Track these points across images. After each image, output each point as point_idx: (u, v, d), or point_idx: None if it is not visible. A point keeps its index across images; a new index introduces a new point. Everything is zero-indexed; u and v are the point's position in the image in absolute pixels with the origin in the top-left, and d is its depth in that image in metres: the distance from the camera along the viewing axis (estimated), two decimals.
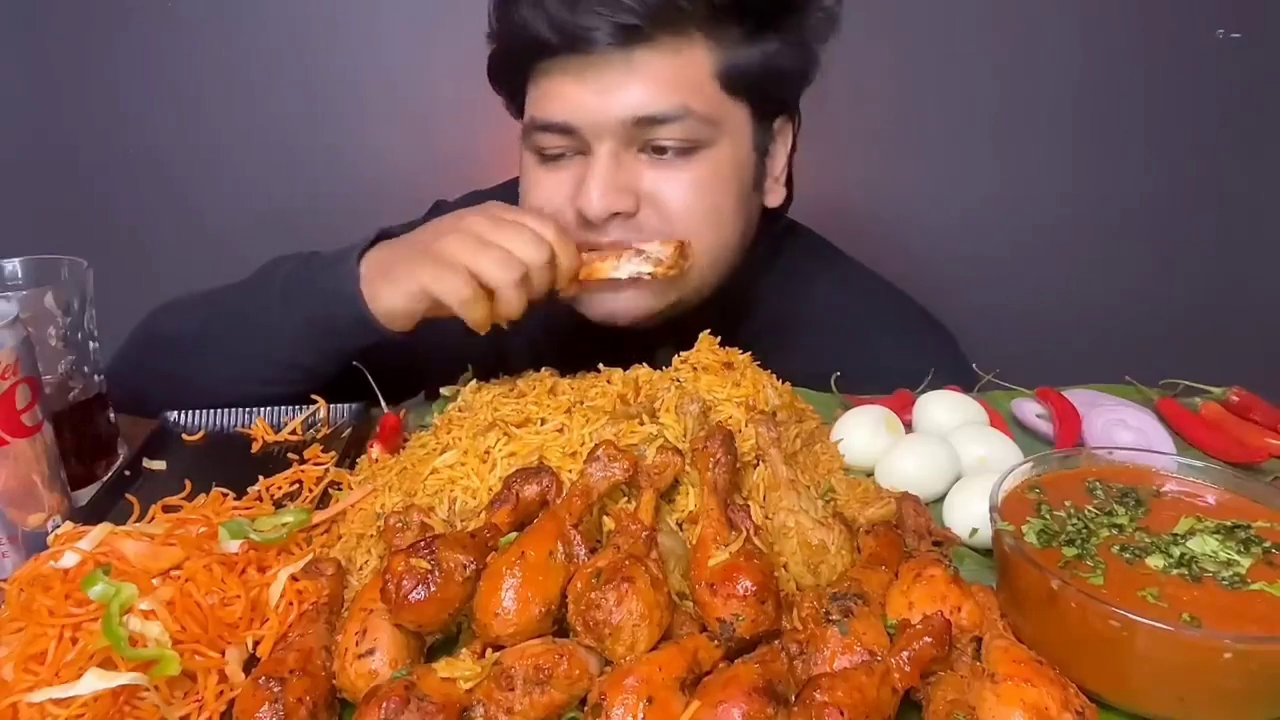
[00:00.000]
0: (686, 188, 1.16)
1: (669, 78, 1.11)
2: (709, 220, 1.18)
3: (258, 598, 0.80)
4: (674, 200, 1.16)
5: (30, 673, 0.71)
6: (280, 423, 1.17)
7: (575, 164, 1.17)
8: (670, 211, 1.16)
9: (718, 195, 1.18)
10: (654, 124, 1.12)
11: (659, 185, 1.15)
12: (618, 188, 1.14)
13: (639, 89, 1.11)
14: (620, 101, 1.11)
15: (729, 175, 1.19)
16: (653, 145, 1.14)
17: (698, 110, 1.12)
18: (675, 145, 1.14)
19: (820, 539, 0.82)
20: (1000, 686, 0.66)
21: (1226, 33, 2.33)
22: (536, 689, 0.66)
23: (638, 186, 1.15)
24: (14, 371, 0.89)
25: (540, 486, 0.83)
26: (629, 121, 1.11)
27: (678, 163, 1.15)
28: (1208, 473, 0.87)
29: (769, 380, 1.02)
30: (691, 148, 1.14)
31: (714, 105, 1.14)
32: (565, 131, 1.14)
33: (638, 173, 1.15)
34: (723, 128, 1.16)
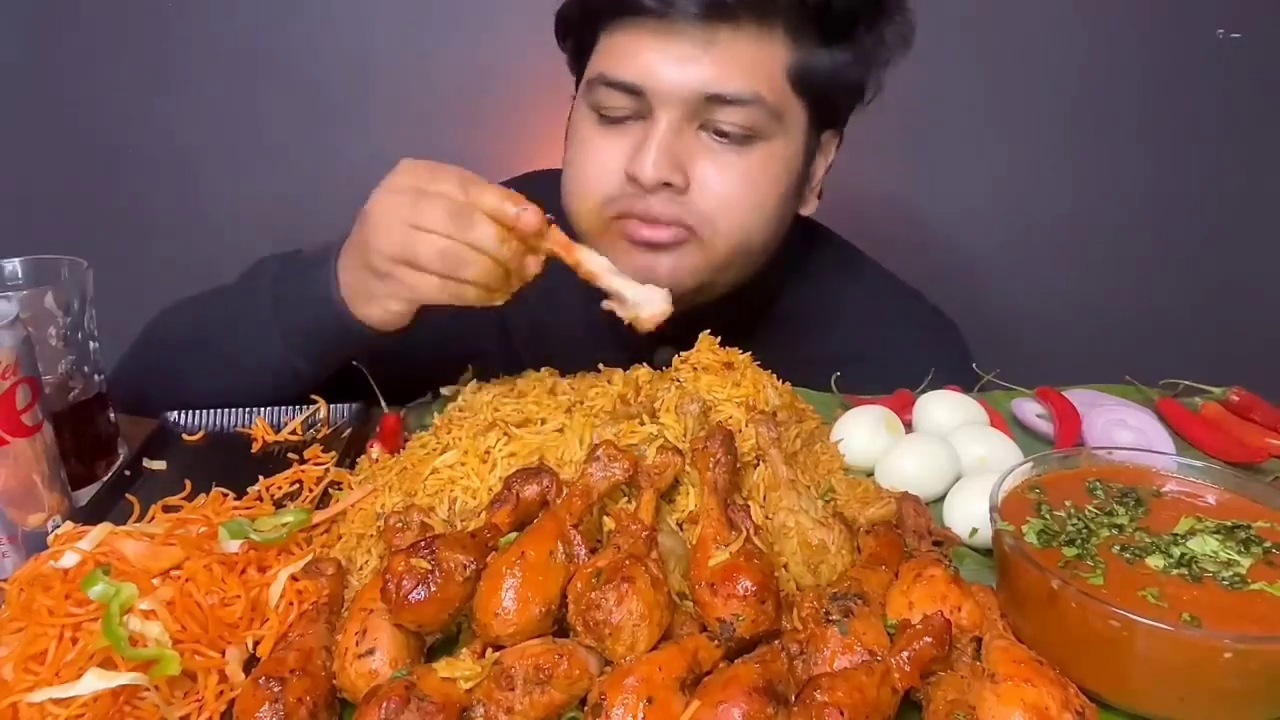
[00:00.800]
0: (738, 176, 1.16)
1: (745, 62, 1.11)
2: (752, 213, 1.18)
3: (258, 598, 0.80)
4: (724, 186, 1.16)
5: (30, 673, 0.71)
6: (280, 423, 1.17)
7: (634, 129, 1.16)
8: (718, 196, 1.16)
9: (765, 190, 1.18)
10: (722, 104, 1.12)
11: (713, 168, 1.15)
12: (673, 159, 1.14)
13: (714, 66, 1.11)
14: (695, 74, 1.11)
15: (779, 172, 1.19)
16: (715, 126, 1.14)
17: (767, 100, 1.13)
18: (736, 131, 1.14)
19: (820, 539, 0.82)
20: (1000, 686, 0.66)
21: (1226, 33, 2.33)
22: (536, 689, 0.66)
23: (691, 165, 1.15)
24: (14, 371, 0.89)
25: (540, 486, 0.82)
26: (699, 96, 1.11)
27: (734, 149, 1.15)
28: (1208, 473, 0.87)
29: (769, 380, 1.02)
30: (751, 136, 1.14)
31: (781, 99, 1.15)
32: (632, 92, 1.14)
33: (694, 150, 1.15)
34: (784, 123, 1.16)
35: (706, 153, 1.15)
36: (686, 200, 1.16)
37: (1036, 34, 2.30)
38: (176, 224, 2.41)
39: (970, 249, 2.47)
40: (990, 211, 2.48)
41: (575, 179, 1.22)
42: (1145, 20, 2.31)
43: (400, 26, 2.28)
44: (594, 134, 1.19)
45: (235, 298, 1.20)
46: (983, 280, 2.45)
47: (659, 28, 1.11)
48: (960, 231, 2.45)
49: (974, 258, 2.47)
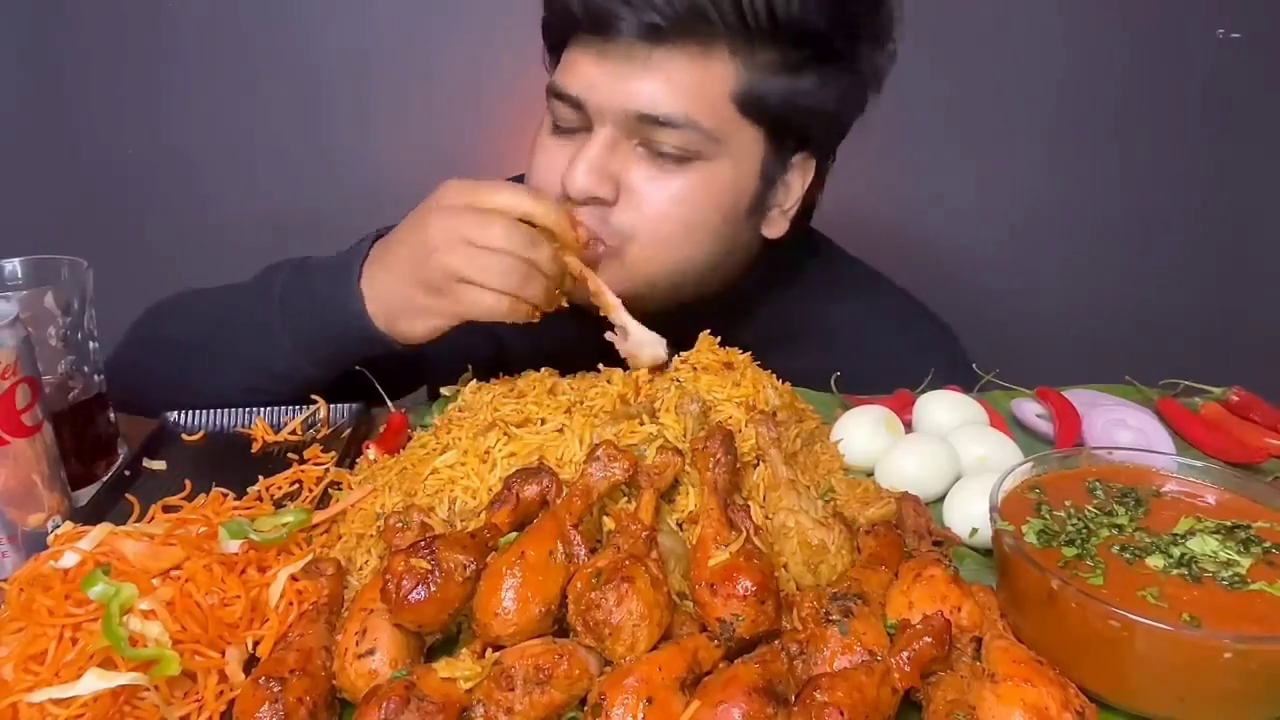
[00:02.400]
0: (670, 194, 1.14)
1: (682, 84, 1.10)
2: (681, 233, 1.16)
3: (258, 598, 0.80)
4: (654, 203, 1.14)
5: (30, 673, 0.71)
6: (280, 423, 1.17)
7: (580, 140, 1.17)
8: (646, 213, 1.14)
9: (700, 210, 1.16)
10: (655, 124, 1.11)
11: (644, 184, 1.14)
12: (603, 173, 1.13)
13: (650, 86, 1.10)
14: (628, 92, 1.10)
15: (719, 194, 1.16)
16: (651, 145, 1.13)
17: (702, 124, 1.11)
18: (672, 151, 1.13)
19: (820, 539, 0.82)
20: (1000, 686, 0.66)
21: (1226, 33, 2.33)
22: (536, 689, 0.66)
23: (624, 179, 1.14)
24: (14, 371, 0.89)
25: (540, 486, 0.82)
26: (632, 114, 1.11)
27: (670, 167, 1.14)
28: (1208, 473, 0.87)
29: (769, 380, 1.02)
30: (688, 157, 1.13)
31: (722, 123, 1.13)
32: (575, 105, 1.15)
33: (628, 165, 1.15)
34: (726, 146, 1.14)
35: (641, 167, 1.14)
36: (612, 214, 1.15)
37: (1035, 33, 2.30)
38: (176, 224, 2.41)
39: (970, 249, 2.47)
40: (989, 212, 2.48)
41: (528, 182, 1.24)
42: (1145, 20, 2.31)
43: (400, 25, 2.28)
44: (547, 141, 1.21)
45: (243, 300, 1.20)
46: (983, 280, 2.45)
47: (603, 46, 1.11)
48: (959, 232, 2.45)
49: (974, 258, 2.47)
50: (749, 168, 1.18)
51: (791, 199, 1.25)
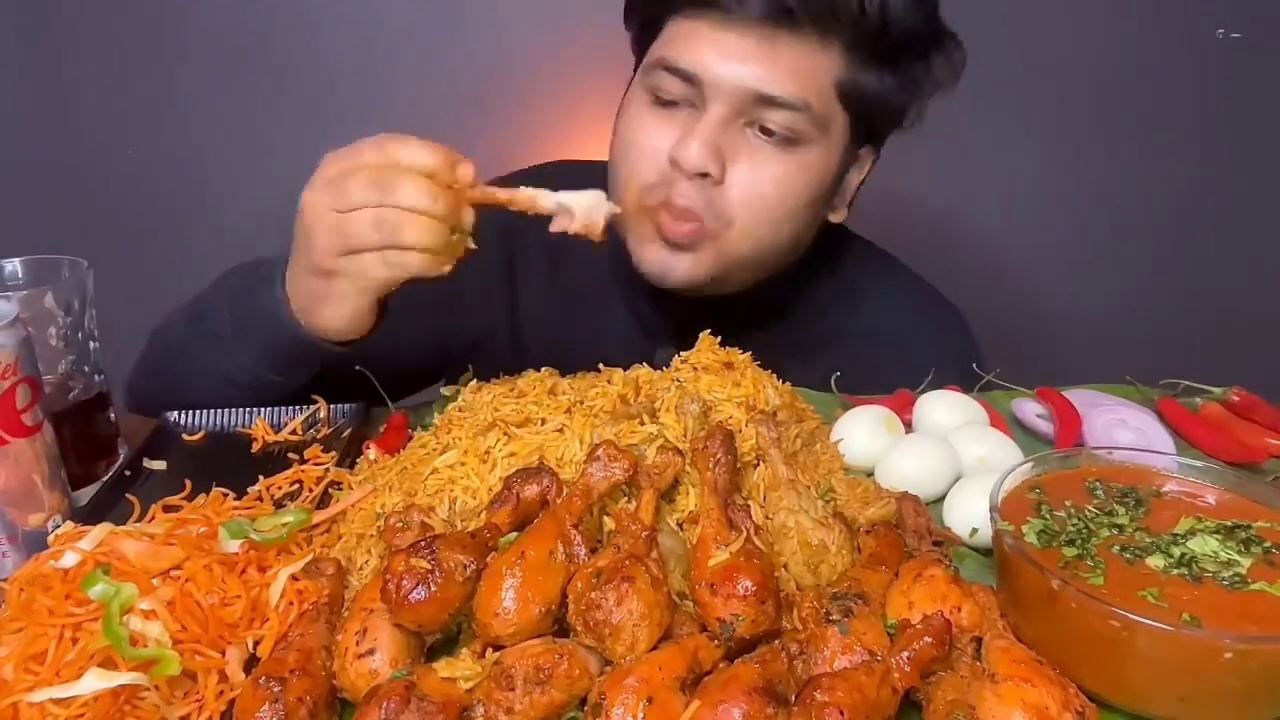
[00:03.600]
0: (773, 177, 1.18)
1: (801, 68, 1.14)
2: (779, 213, 1.21)
3: (258, 598, 0.80)
4: (758, 183, 1.18)
5: (30, 672, 0.71)
6: (280, 423, 1.17)
7: (684, 115, 1.18)
8: (748, 192, 1.18)
9: (798, 194, 1.20)
10: (772, 105, 1.14)
11: (749, 165, 1.18)
12: (715, 150, 1.16)
13: (770, 67, 1.13)
14: (749, 72, 1.13)
15: (813, 178, 1.21)
16: (761, 124, 1.16)
17: (814, 108, 1.15)
18: (780, 132, 1.16)
19: (820, 539, 0.82)
20: (1000, 686, 0.66)
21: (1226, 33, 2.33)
22: (537, 689, 0.66)
23: (732, 158, 1.17)
24: (14, 371, 0.89)
25: (540, 486, 0.82)
26: (751, 94, 1.14)
27: (776, 149, 1.17)
28: (1208, 473, 0.87)
29: (769, 380, 1.02)
30: (793, 140, 1.17)
31: (827, 110, 1.17)
32: (688, 80, 1.16)
33: (737, 145, 1.17)
34: (826, 133, 1.19)
35: (748, 149, 1.18)
36: (717, 193, 1.18)
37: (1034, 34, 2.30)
38: (177, 224, 2.41)
39: (969, 249, 2.48)
40: (988, 212, 2.48)
41: (622, 157, 1.24)
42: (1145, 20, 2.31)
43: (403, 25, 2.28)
44: (646, 114, 1.22)
45: (203, 311, 1.20)
46: (982, 280, 2.45)
47: (722, 22, 1.13)
48: (959, 232, 2.46)
49: (973, 258, 2.47)
50: (836, 155, 1.23)
51: (851, 188, 1.31)
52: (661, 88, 1.19)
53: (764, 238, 1.22)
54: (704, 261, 1.22)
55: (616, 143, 1.26)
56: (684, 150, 1.15)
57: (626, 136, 1.24)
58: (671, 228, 1.20)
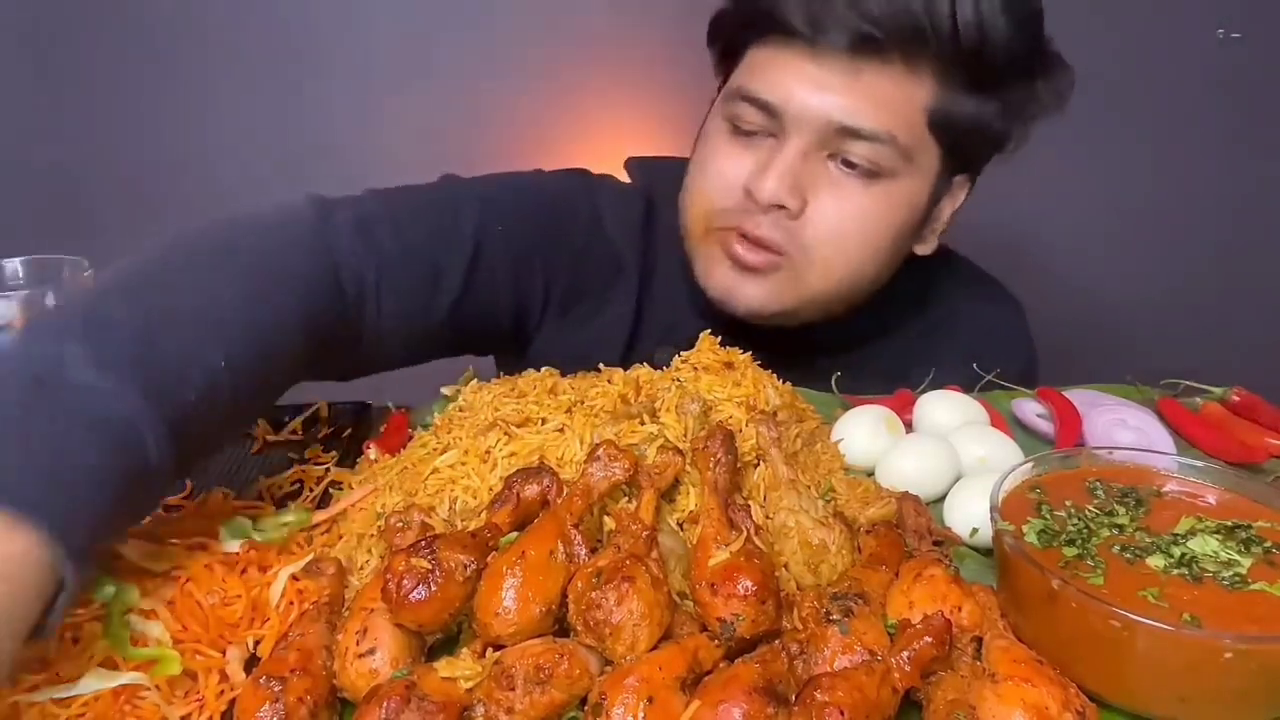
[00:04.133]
0: (855, 210, 1.15)
1: (885, 99, 1.10)
2: (861, 249, 1.17)
3: (258, 597, 0.80)
4: (839, 218, 1.15)
5: (31, 672, 0.71)
6: (281, 422, 1.17)
7: (763, 145, 1.16)
8: (829, 227, 1.15)
9: (880, 228, 1.17)
10: (855, 137, 1.11)
11: (831, 198, 1.14)
12: (795, 183, 1.13)
13: (853, 98, 1.09)
14: (832, 103, 1.10)
15: (899, 212, 1.17)
16: (843, 157, 1.13)
17: (900, 140, 1.11)
18: (863, 164, 1.12)
19: (821, 539, 0.82)
20: (1000, 686, 0.66)
21: (1226, 33, 2.33)
22: (537, 688, 0.66)
23: (812, 191, 1.14)
24: None
25: (541, 486, 0.82)
26: (833, 125, 1.10)
27: (858, 182, 1.14)
28: (1208, 473, 0.87)
29: (769, 380, 1.02)
30: (877, 172, 1.13)
31: (915, 140, 1.13)
32: (768, 111, 1.13)
33: (818, 177, 1.14)
34: (914, 164, 1.15)
35: (829, 181, 1.14)
36: (796, 226, 1.15)
37: None
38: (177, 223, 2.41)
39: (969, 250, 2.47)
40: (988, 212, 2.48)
41: (696, 182, 1.23)
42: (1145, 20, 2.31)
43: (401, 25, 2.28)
44: (724, 143, 1.20)
45: None
46: None
47: (806, 52, 1.10)
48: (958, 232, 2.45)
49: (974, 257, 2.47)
50: (926, 186, 1.18)
51: (942, 220, 1.26)
52: (741, 117, 1.16)
53: (843, 274, 1.18)
54: (777, 291, 1.18)
55: (693, 169, 1.24)
56: (760, 183, 1.13)
57: (704, 164, 1.21)
58: (745, 253, 1.17)
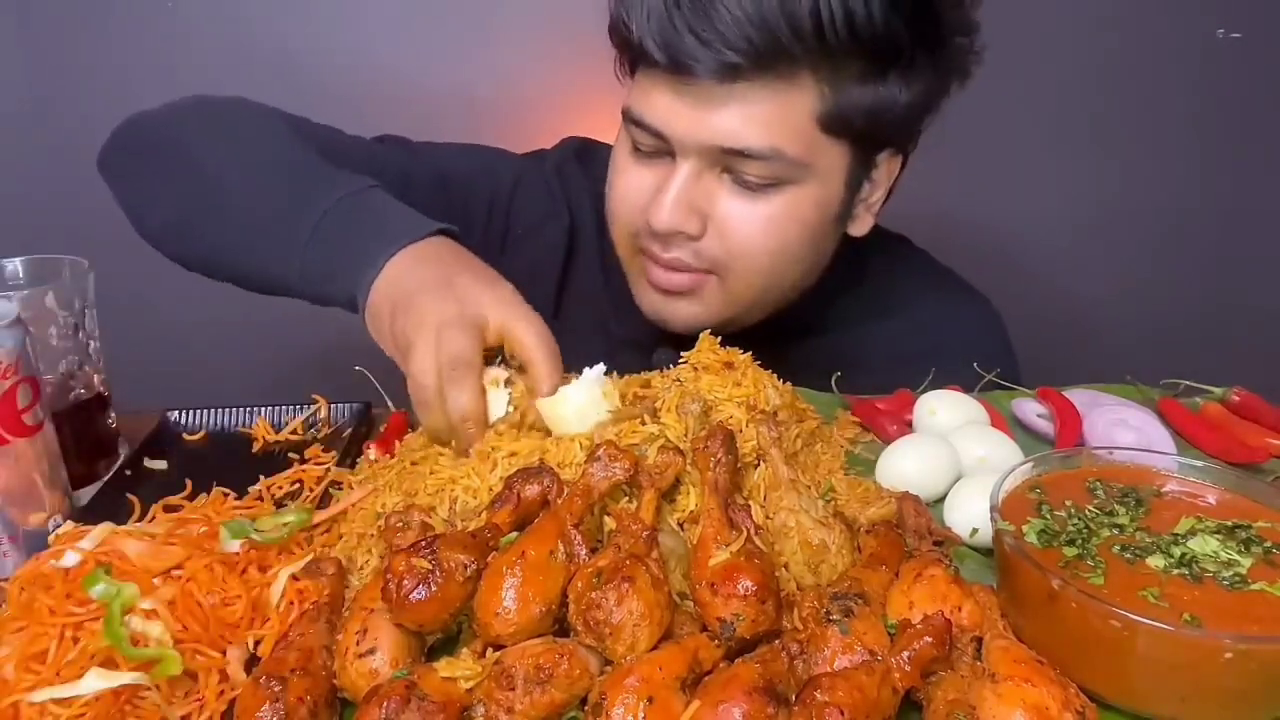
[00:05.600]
0: (759, 222, 1.13)
1: (765, 116, 1.07)
2: (773, 257, 1.16)
3: (259, 597, 0.80)
4: (742, 232, 1.14)
5: (31, 672, 0.71)
6: (281, 422, 1.17)
7: (661, 165, 1.15)
8: (735, 243, 1.14)
9: (790, 235, 1.15)
10: (741, 157, 1.09)
11: (731, 213, 1.13)
12: (689, 207, 1.12)
13: (733, 121, 1.08)
14: (711, 127, 1.08)
15: (807, 215, 1.15)
16: (737, 176, 1.12)
17: (789, 153, 1.09)
18: (759, 181, 1.11)
19: (821, 539, 0.82)
20: (1001, 686, 0.66)
21: (1226, 33, 2.33)
22: (537, 688, 0.66)
23: (710, 209, 1.14)
24: (14, 371, 0.89)
25: (541, 486, 0.82)
26: (715, 148, 1.10)
27: (757, 195, 1.12)
28: (1208, 473, 0.87)
29: (769, 380, 1.02)
30: (775, 184, 1.12)
31: (808, 148, 1.10)
32: (654, 135, 1.13)
33: (714, 195, 1.13)
34: (813, 169, 1.12)
35: (728, 197, 1.13)
36: (701, 247, 1.15)
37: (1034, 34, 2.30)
38: None
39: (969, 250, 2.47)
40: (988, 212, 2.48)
41: (610, 204, 1.23)
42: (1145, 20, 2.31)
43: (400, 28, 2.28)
44: (627, 163, 1.20)
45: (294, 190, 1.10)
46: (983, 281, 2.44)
47: (677, 81, 1.08)
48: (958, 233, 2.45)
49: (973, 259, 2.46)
50: (834, 184, 1.16)
51: (875, 195, 1.24)
52: (636, 139, 1.16)
53: (765, 281, 1.18)
54: (709, 307, 1.19)
55: (608, 190, 1.23)
56: (656, 211, 1.12)
57: (614, 181, 1.21)
58: (661, 277, 1.18)
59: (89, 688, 0.68)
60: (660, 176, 1.15)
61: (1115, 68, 2.36)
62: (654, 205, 1.13)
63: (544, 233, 1.40)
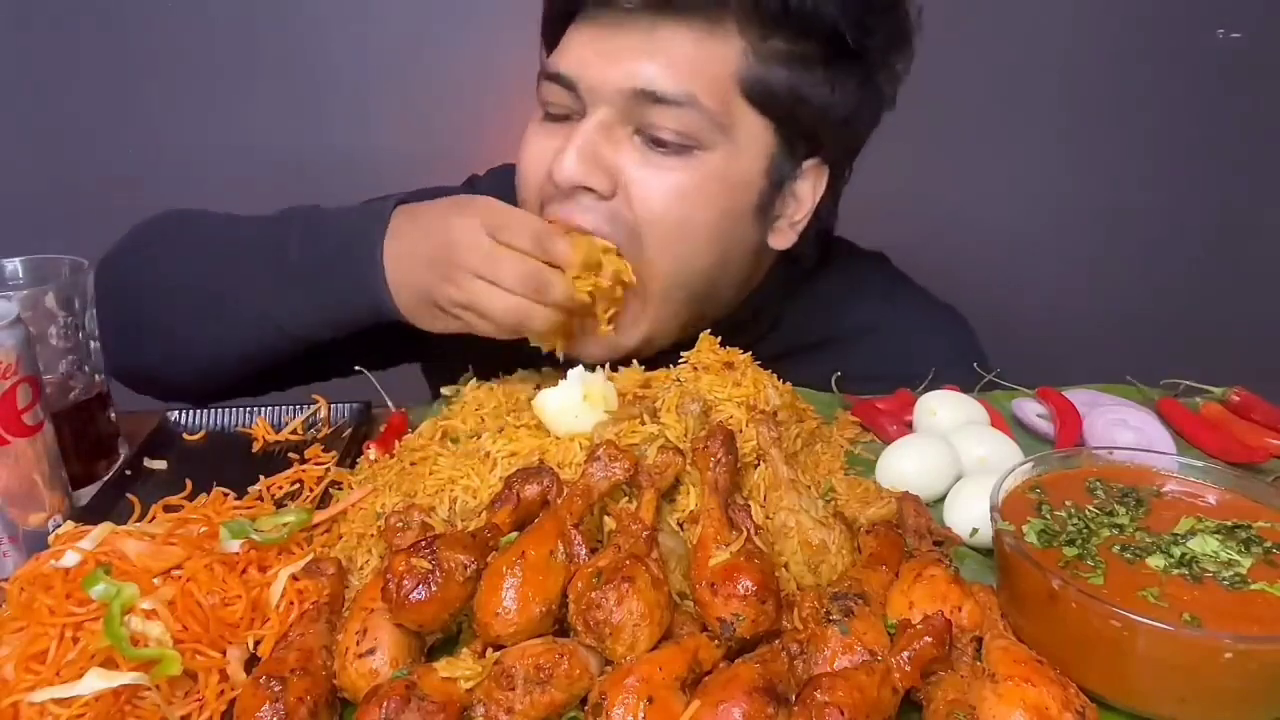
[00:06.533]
0: (669, 186, 1.07)
1: (685, 60, 1.03)
2: (680, 230, 1.08)
3: (258, 597, 0.80)
4: (651, 197, 1.07)
5: (31, 672, 0.71)
6: (281, 422, 1.17)
7: (569, 127, 1.09)
8: (643, 209, 1.07)
9: (699, 207, 1.08)
10: (654, 102, 1.04)
11: (641, 175, 1.07)
12: (595, 160, 1.06)
13: (650, 62, 1.03)
14: (626, 69, 1.04)
15: (719, 189, 1.09)
16: (650, 132, 1.06)
17: (705, 105, 1.04)
18: (673, 139, 1.05)
19: (821, 539, 0.82)
20: (1001, 686, 0.66)
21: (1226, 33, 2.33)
22: (537, 688, 0.66)
23: (619, 170, 1.07)
24: (14, 371, 0.89)
25: (541, 486, 0.82)
26: (629, 91, 1.04)
27: (668, 160, 1.06)
28: (1208, 473, 0.87)
29: (770, 380, 1.02)
30: (689, 146, 1.06)
31: (725, 107, 1.05)
32: (567, 86, 1.09)
33: (624, 156, 1.07)
34: (730, 134, 1.07)
35: (639, 158, 1.07)
36: (610, 209, 1.07)
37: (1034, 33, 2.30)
38: None
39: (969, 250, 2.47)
40: (988, 212, 2.48)
41: (518, 176, 1.18)
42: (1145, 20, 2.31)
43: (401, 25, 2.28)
44: (536, 130, 1.15)
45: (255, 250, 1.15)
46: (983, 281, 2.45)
47: (600, 22, 1.06)
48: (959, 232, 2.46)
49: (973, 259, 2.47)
50: (753, 162, 1.10)
51: (802, 211, 1.17)
52: (547, 99, 1.12)
53: (673, 254, 1.09)
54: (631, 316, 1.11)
55: (517, 159, 1.18)
56: (558, 164, 1.06)
57: (519, 153, 1.16)
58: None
59: (89, 688, 0.68)
60: (567, 136, 1.08)
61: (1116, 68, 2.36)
62: (557, 158, 1.07)
63: None
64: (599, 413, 0.93)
